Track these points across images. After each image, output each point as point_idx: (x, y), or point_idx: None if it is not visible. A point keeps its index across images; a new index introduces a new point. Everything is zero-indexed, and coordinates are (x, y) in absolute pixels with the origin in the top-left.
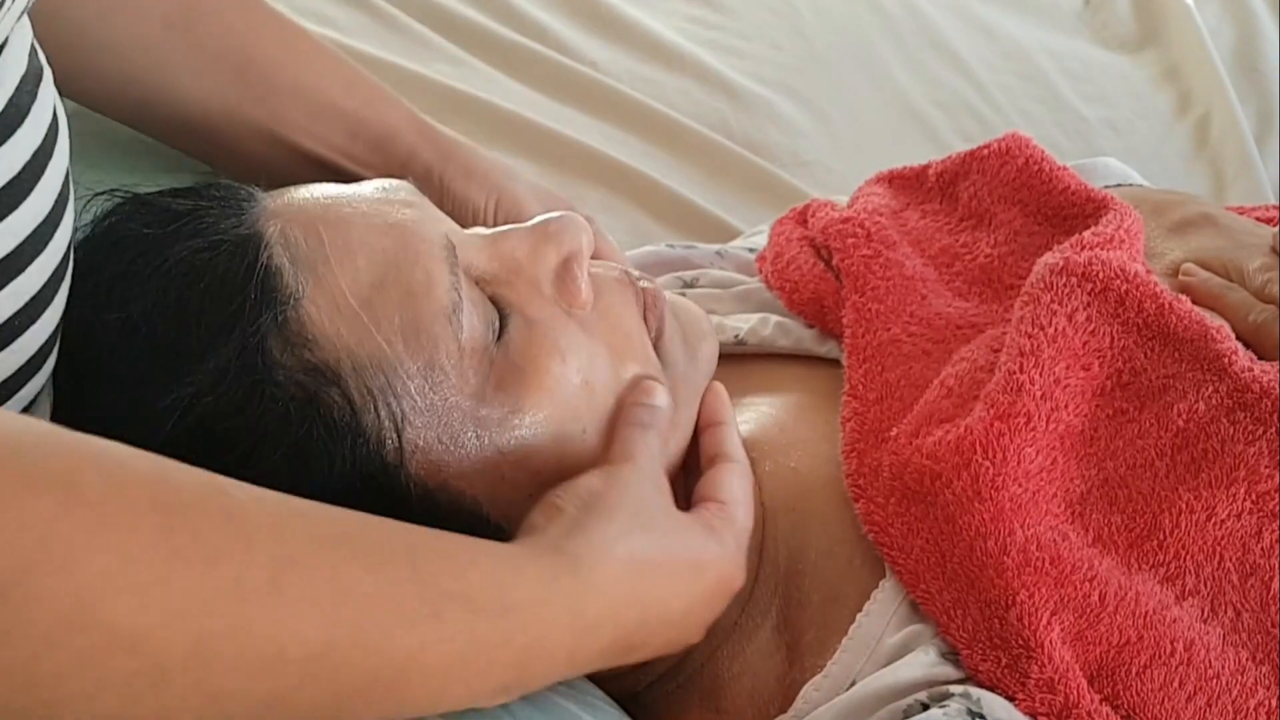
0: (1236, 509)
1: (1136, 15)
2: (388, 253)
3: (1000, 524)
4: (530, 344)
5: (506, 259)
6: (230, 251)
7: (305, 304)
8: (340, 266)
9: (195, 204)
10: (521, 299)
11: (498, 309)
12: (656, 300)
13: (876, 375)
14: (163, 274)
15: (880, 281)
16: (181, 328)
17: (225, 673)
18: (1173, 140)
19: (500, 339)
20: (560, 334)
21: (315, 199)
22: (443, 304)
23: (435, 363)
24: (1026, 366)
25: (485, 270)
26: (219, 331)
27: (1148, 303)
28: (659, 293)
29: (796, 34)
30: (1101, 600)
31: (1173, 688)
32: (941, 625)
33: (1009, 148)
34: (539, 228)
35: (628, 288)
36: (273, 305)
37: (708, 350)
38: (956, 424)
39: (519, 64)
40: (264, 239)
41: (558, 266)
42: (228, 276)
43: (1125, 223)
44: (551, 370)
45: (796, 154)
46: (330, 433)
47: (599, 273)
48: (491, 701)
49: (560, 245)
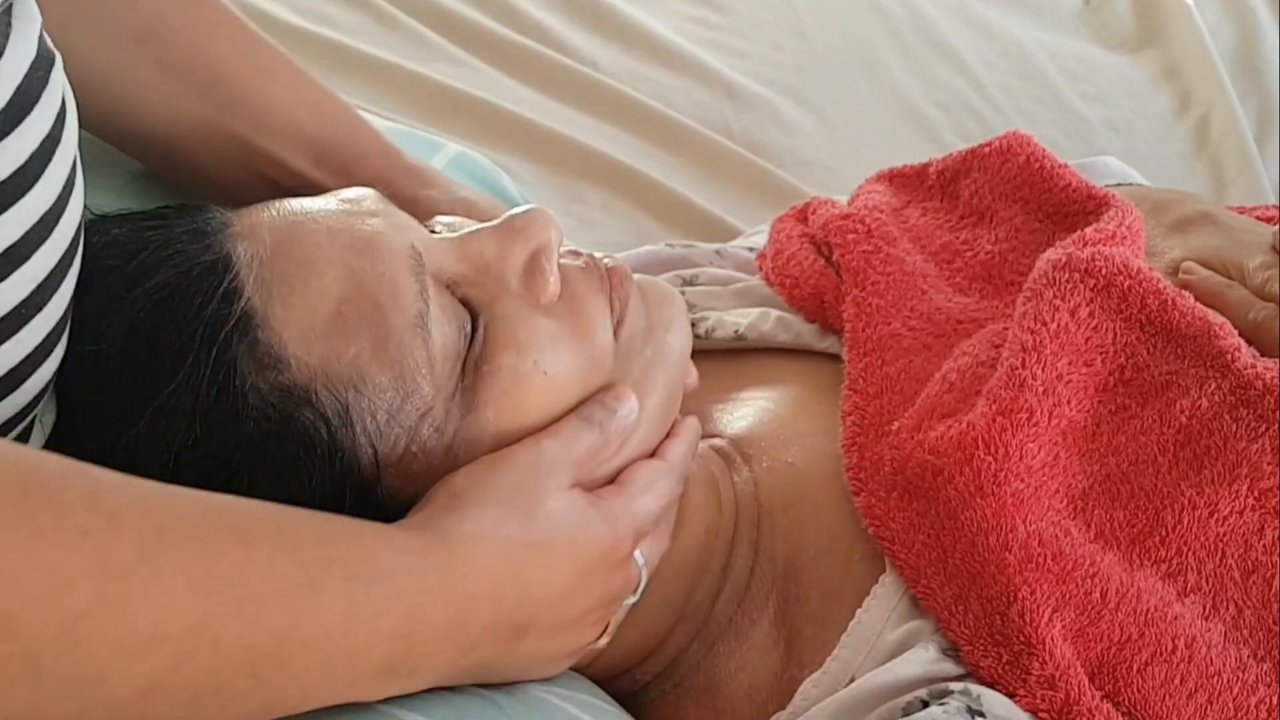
0: (1239, 506)
1: (1136, 15)
2: (352, 267)
3: (1002, 519)
4: (490, 341)
5: (475, 259)
6: (199, 277)
7: (274, 325)
8: (306, 285)
9: (162, 232)
10: (490, 297)
11: (470, 311)
12: (622, 281)
13: (877, 369)
14: (134, 307)
15: (881, 276)
16: (154, 358)
17: (99, 654)
18: (1172, 140)
19: (472, 342)
20: (520, 327)
21: (282, 216)
22: (410, 314)
23: (406, 373)
24: (1029, 362)
25: (455, 273)
26: (191, 359)
27: (1151, 299)
28: (625, 273)
29: (796, 34)
30: (1103, 597)
31: (1174, 685)
32: (942, 621)
33: (1010, 145)
34: (505, 224)
35: (593, 273)
36: (241, 329)
37: (675, 337)
38: (959, 419)
39: (519, 64)
40: (231, 263)
41: (526, 261)
42: (195, 303)
43: (1127, 219)
44: (505, 363)
45: (796, 154)
46: (307, 452)
47: (566, 263)
48: (379, 689)
49: (528, 240)
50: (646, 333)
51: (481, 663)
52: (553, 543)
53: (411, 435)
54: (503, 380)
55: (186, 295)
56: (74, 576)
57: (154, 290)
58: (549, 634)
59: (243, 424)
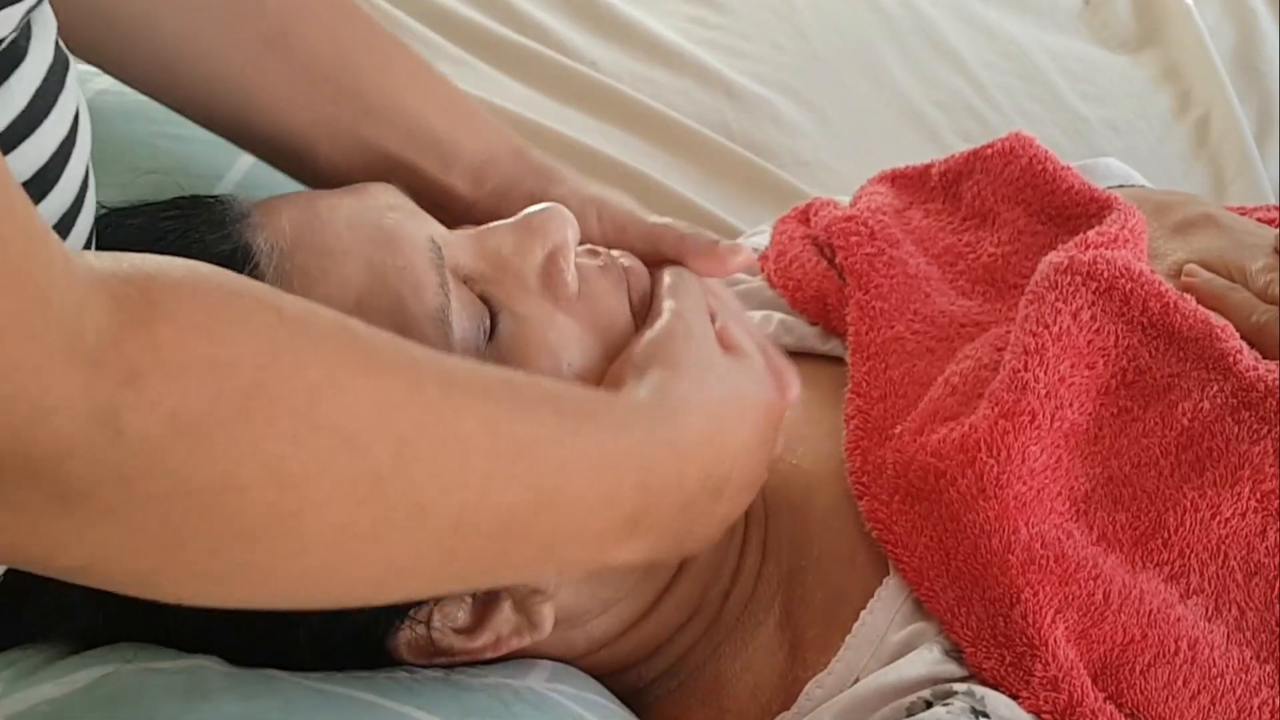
0: (1241, 508)
1: (1136, 15)
2: (373, 259)
3: (1005, 522)
4: (520, 343)
5: (492, 255)
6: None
7: None
8: (327, 277)
9: (180, 222)
10: (509, 295)
11: (488, 307)
12: (640, 279)
13: (880, 373)
14: None
15: (884, 279)
16: None
17: (424, 480)
18: (1172, 140)
19: (491, 339)
20: (548, 327)
21: (300, 208)
22: (431, 307)
23: None
24: (1031, 365)
25: (473, 269)
26: None
27: (1152, 301)
28: (642, 271)
29: (796, 34)
30: (1105, 599)
31: (1176, 686)
32: (945, 623)
33: (1012, 147)
34: (523, 222)
35: (611, 271)
36: None
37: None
38: (961, 422)
39: (519, 64)
40: (251, 253)
41: (543, 260)
42: None
43: (1129, 222)
44: (543, 367)
45: (796, 154)
46: None
47: (583, 261)
48: (626, 545)
49: (545, 239)
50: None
51: (688, 524)
52: (738, 402)
53: None
54: None
55: None
56: (398, 401)
57: None
58: (737, 492)
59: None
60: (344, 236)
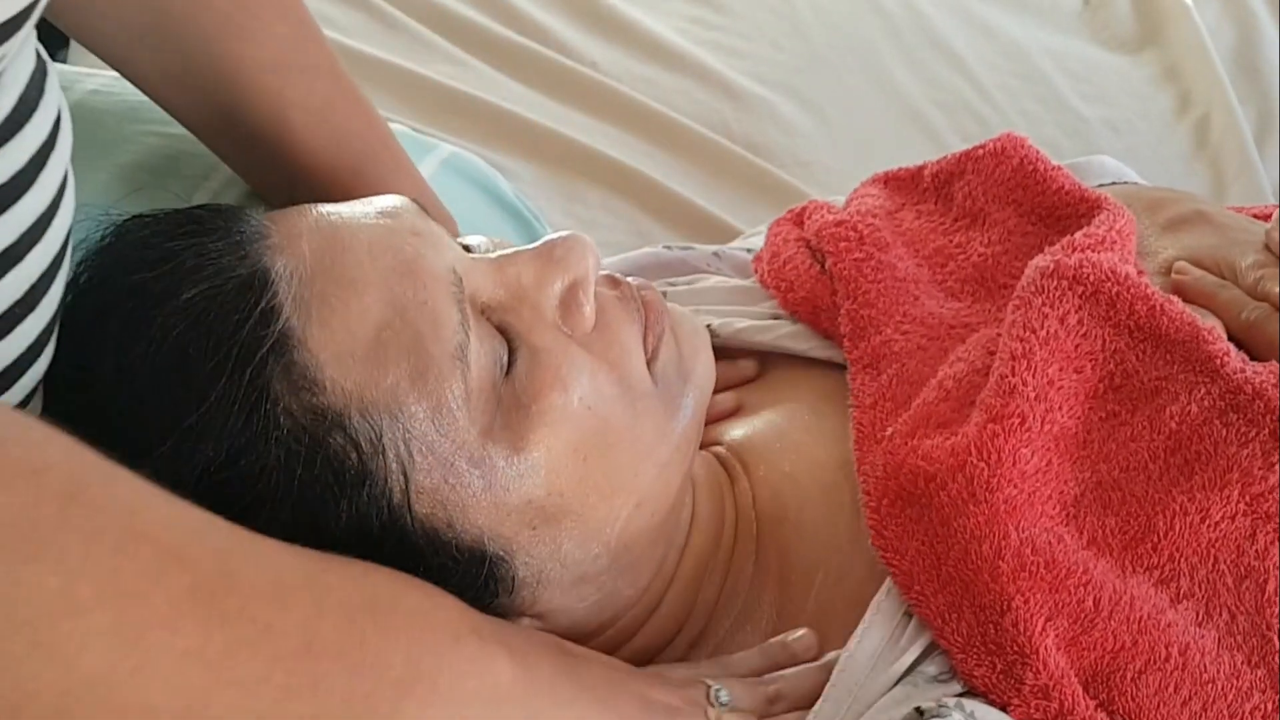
0: (1230, 511)
1: (1136, 15)
2: (394, 291)
3: (995, 526)
4: (534, 378)
5: (512, 284)
6: (235, 293)
7: (311, 347)
8: (347, 307)
9: (195, 240)
10: (526, 326)
11: (506, 339)
12: (659, 318)
13: (872, 380)
14: (164, 321)
15: (871, 285)
16: (186, 378)
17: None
18: (1172, 140)
19: (509, 374)
20: (562, 362)
21: (320, 229)
22: (450, 344)
23: (443, 405)
24: (1019, 369)
25: (491, 297)
26: (222, 377)
27: (1139, 305)
28: (661, 307)
29: (796, 34)
30: (1096, 605)
31: (1168, 693)
32: (936, 629)
33: (1004, 148)
34: (545, 250)
35: (629, 303)
36: (278, 350)
37: (702, 367)
38: (954, 431)
39: (519, 64)
40: (269, 279)
41: (564, 292)
42: (231, 320)
43: (1117, 223)
44: (555, 403)
45: (796, 154)
46: (336, 478)
47: (602, 291)
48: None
49: (566, 270)
50: (679, 363)
51: None
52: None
53: (447, 467)
54: (551, 419)
55: (223, 313)
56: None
57: (187, 305)
58: None
59: (271, 447)
60: (365, 265)
